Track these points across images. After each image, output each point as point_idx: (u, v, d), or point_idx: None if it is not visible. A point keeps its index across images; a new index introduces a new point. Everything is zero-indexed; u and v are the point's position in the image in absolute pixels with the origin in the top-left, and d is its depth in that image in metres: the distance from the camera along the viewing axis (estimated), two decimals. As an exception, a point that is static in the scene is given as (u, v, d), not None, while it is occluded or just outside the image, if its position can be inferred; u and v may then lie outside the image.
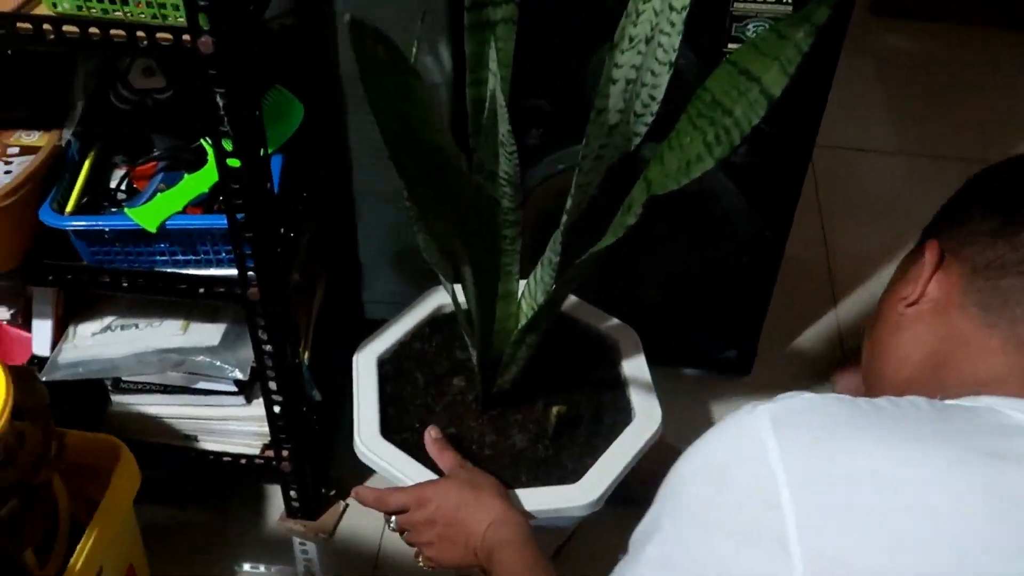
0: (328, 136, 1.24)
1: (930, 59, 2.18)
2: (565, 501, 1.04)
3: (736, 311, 1.43)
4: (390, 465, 1.06)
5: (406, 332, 1.22)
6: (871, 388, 0.81)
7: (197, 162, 1.04)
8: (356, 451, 1.09)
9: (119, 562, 1.09)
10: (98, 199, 1.05)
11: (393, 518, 1.03)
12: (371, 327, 1.26)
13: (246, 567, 1.27)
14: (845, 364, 1.46)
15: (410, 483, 1.03)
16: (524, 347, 1.06)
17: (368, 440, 1.08)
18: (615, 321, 1.21)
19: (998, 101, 2.09)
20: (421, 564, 1.03)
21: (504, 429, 1.12)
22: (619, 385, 1.16)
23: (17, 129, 1.05)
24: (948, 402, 0.64)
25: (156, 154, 1.05)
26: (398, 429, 1.10)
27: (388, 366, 1.18)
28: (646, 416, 1.09)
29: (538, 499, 1.04)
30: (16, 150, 1.02)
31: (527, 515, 0.99)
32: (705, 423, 1.31)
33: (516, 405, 1.13)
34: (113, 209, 1.03)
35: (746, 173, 1.27)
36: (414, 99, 0.76)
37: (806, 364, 1.53)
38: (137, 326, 1.15)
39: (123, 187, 1.06)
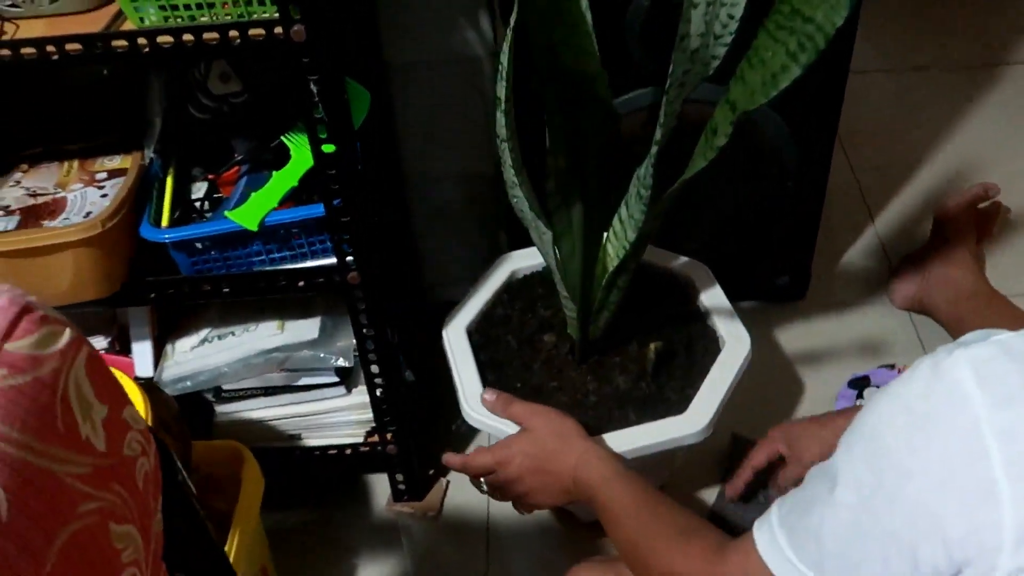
0: (382, 122, 1.27)
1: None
2: (677, 432, 1.08)
3: (786, 238, 1.48)
4: (500, 424, 1.09)
5: (486, 301, 1.26)
6: None
7: (277, 161, 1.07)
8: (466, 417, 1.13)
9: (252, 566, 1.12)
10: (187, 212, 1.08)
11: (482, 480, 1.07)
12: (433, 310, 1.30)
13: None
14: (898, 274, 1.51)
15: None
16: (616, 290, 1.09)
17: (476, 404, 1.11)
18: (683, 259, 1.25)
19: (970, 8, 2.15)
20: (521, 512, 1.07)
21: (604, 374, 1.15)
22: (703, 317, 1.21)
23: (99, 156, 1.07)
24: None
25: (239, 158, 1.07)
26: (501, 390, 1.13)
27: (477, 335, 1.21)
28: (736, 340, 1.13)
29: (650, 433, 1.08)
30: (104, 175, 1.05)
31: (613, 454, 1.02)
32: (771, 350, 1.34)
33: (611, 351, 1.17)
34: (208, 215, 1.06)
35: (787, 100, 1.31)
36: (568, 22, 0.80)
37: (857, 281, 1.57)
38: (234, 334, 1.17)
39: (206, 198, 1.09)
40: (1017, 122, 1.84)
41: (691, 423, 1.08)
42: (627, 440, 1.07)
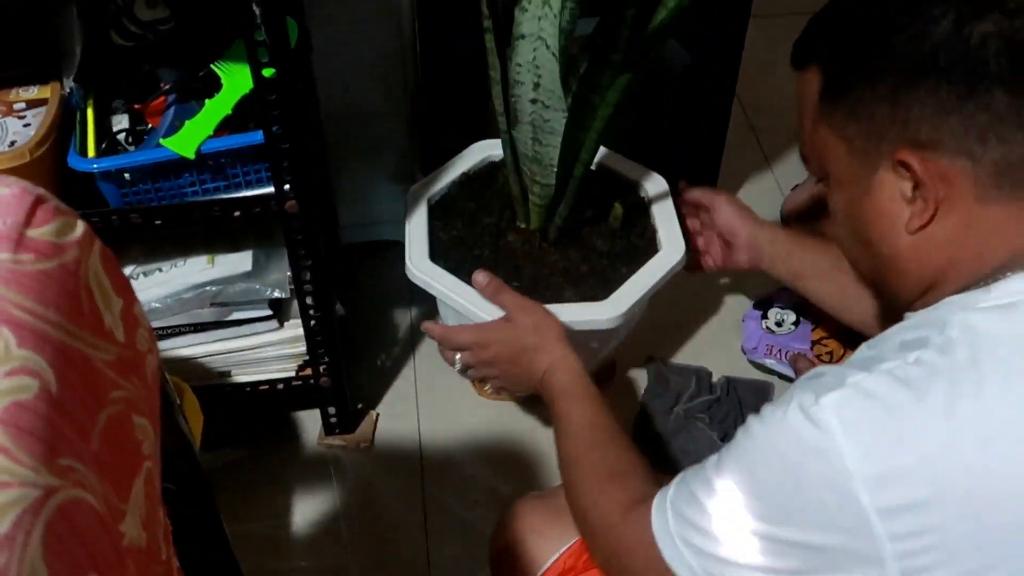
0: (300, 54, 1.26)
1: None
2: (594, 315, 1.14)
3: (692, 175, 1.54)
4: (442, 287, 1.15)
5: (451, 182, 1.29)
6: (889, 294, 0.78)
7: (206, 90, 1.05)
8: (408, 274, 1.17)
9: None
10: (112, 144, 1.05)
11: (458, 356, 1.10)
12: (350, 249, 1.30)
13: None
14: (788, 203, 1.61)
15: (459, 302, 1.11)
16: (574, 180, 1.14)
17: (420, 263, 1.17)
18: (642, 167, 1.31)
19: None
20: (488, 391, 1.10)
21: (573, 249, 1.22)
22: (649, 218, 1.26)
23: (15, 87, 1.03)
24: (993, 305, 0.63)
25: (166, 87, 1.05)
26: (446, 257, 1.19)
27: (439, 209, 1.26)
28: (671, 246, 1.20)
29: (571, 313, 1.13)
30: (23, 105, 1.01)
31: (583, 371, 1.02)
32: (683, 277, 1.40)
33: (568, 238, 1.23)
34: (132, 147, 1.04)
35: (692, 37, 1.38)
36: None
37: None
38: (161, 270, 1.15)
39: (129, 129, 1.06)
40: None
41: (608, 310, 1.14)
42: (555, 313, 1.11)
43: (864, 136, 0.71)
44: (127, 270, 1.16)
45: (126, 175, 1.02)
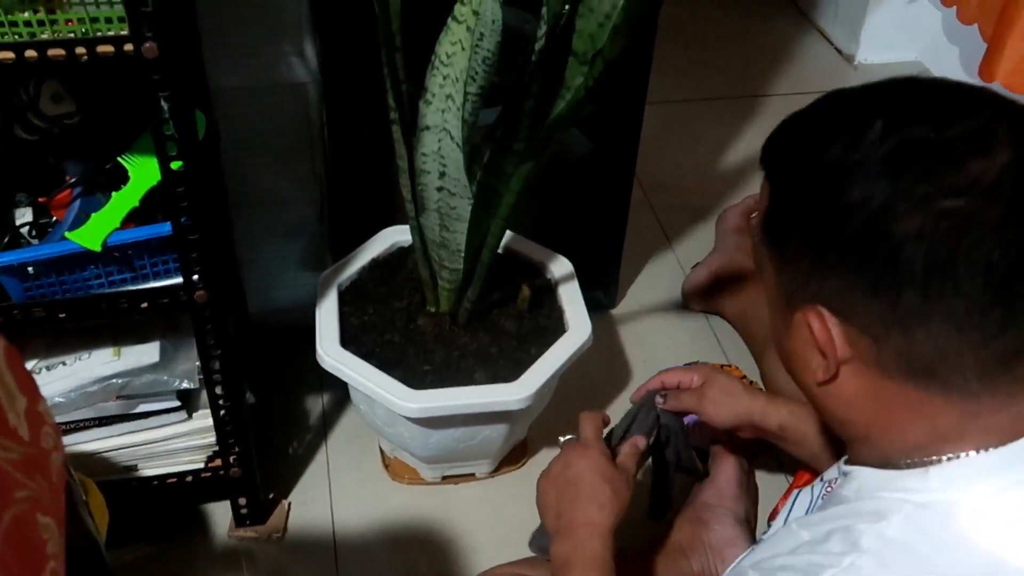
0: (209, 145, 1.27)
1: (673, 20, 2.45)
2: (504, 396, 1.16)
3: (597, 255, 1.59)
4: (352, 372, 1.17)
5: (361, 268, 1.32)
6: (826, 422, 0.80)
7: (112, 182, 1.05)
8: (319, 360, 1.18)
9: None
10: (14, 239, 1.04)
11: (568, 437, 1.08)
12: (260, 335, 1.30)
13: None
14: (690, 281, 1.67)
15: (370, 387, 1.13)
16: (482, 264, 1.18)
17: (331, 348, 1.18)
18: (547, 250, 1.35)
19: (734, 48, 2.41)
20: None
21: (480, 332, 1.24)
22: (555, 303, 1.29)
23: (-87, 180, 1.02)
24: (920, 500, 0.65)
25: (72, 180, 1.05)
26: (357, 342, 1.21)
27: (348, 295, 1.28)
28: (579, 327, 1.23)
29: (482, 395, 1.16)
30: (-79, 200, 1.00)
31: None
32: (590, 355, 1.43)
33: (477, 321, 1.26)
34: (35, 240, 1.03)
35: (592, 123, 1.44)
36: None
37: (658, 290, 1.72)
38: (64, 363, 1.13)
39: (33, 223, 1.06)
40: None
41: (518, 391, 1.16)
42: (462, 396, 1.16)
43: (790, 278, 0.71)
44: (29, 364, 1.14)
45: (29, 269, 1.01)
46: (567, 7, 1.00)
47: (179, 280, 1.04)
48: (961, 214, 0.61)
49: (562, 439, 1.09)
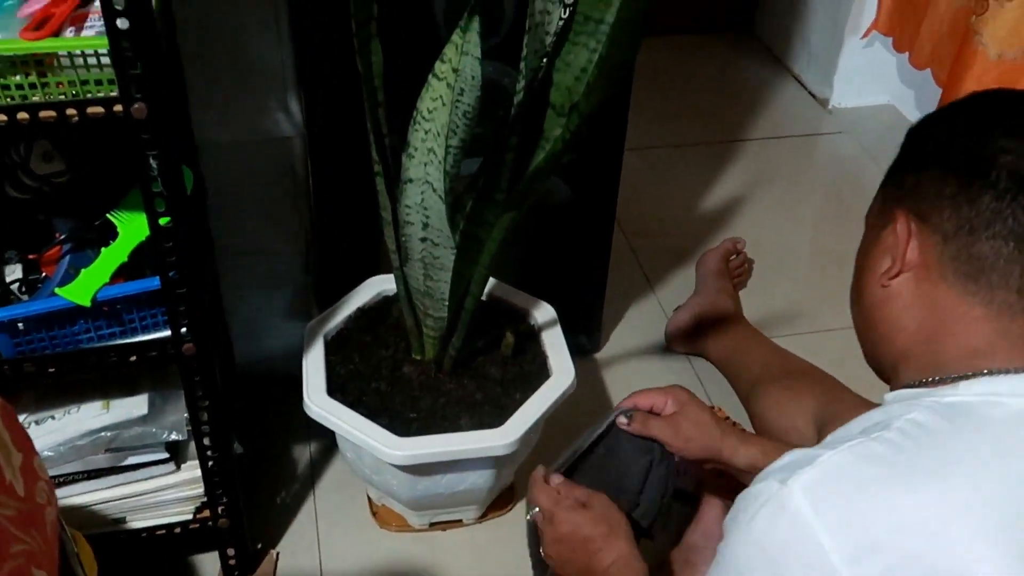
0: (196, 199, 1.30)
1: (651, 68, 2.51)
2: (489, 441, 1.18)
3: (580, 301, 1.62)
4: (339, 421, 1.18)
5: (348, 316, 1.33)
6: (869, 358, 0.85)
7: (101, 238, 1.07)
8: (306, 409, 1.20)
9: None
10: (4, 295, 1.05)
11: (533, 511, 1.06)
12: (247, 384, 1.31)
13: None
14: (672, 324, 1.69)
15: (358, 435, 1.14)
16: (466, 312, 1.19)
17: (317, 397, 1.19)
18: (530, 297, 1.37)
19: (711, 95, 2.46)
20: (543, 557, 1.06)
21: (466, 378, 1.26)
22: (539, 348, 1.31)
23: (-96, 240, 1.03)
24: (949, 400, 0.71)
25: (61, 237, 1.07)
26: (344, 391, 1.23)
27: (334, 343, 1.29)
28: (562, 372, 1.25)
29: (468, 441, 1.18)
30: (-87, 258, 1.01)
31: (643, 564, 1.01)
32: (576, 399, 1.45)
33: (462, 367, 1.28)
34: (25, 296, 1.05)
35: (572, 171, 1.47)
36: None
37: (641, 334, 1.74)
38: (53, 417, 1.14)
39: (23, 279, 1.07)
40: (752, 188, 2.11)
41: (503, 436, 1.18)
42: (448, 443, 1.17)
43: (893, 197, 0.80)
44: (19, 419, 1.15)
45: (19, 325, 1.02)
46: (544, 61, 1.04)
47: (167, 333, 1.06)
48: None
49: (528, 518, 1.08)
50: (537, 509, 1.05)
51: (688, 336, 1.66)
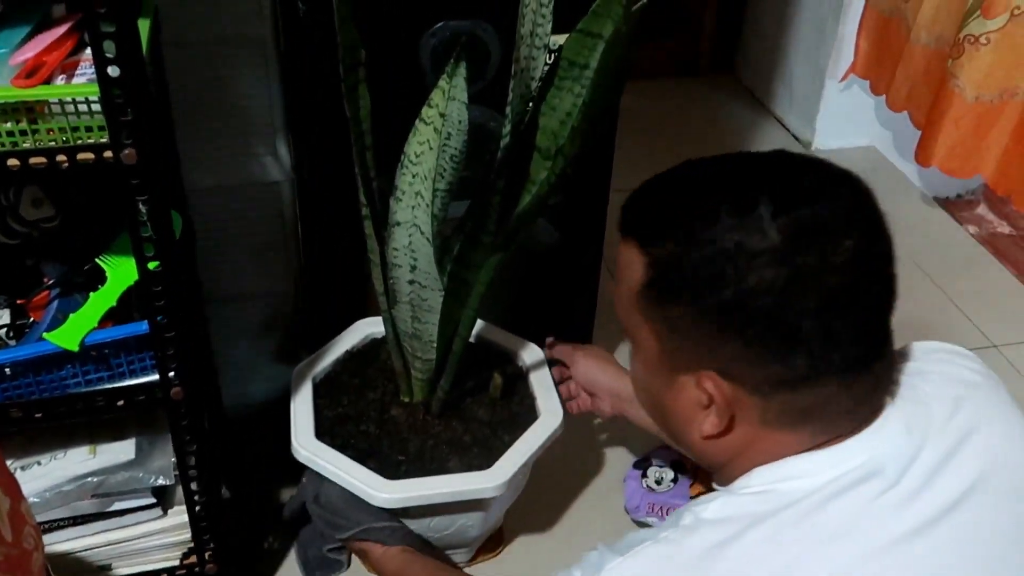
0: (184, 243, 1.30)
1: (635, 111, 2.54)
2: (478, 483, 1.18)
3: (569, 341, 1.62)
4: (326, 464, 1.18)
5: (336, 359, 1.33)
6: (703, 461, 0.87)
7: (90, 283, 1.07)
8: (294, 453, 1.20)
9: None
10: (-9, 339, 1.05)
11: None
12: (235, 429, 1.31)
13: None
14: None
15: (346, 479, 1.16)
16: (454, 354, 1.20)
17: (306, 440, 1.19)
18: (518, 338, 1.38)
19: (697, 136, 2.49)
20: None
21: (446, 424, 1.26)
22: (527, 390, 1.31)
23: None
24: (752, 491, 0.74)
25: (50, 282, 1.07)
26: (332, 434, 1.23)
27: (323, 386, 1.29)
28: (550, 414, 1.25)
29: (457, 483, 1.18)
30: (-100, 304, 1.01)
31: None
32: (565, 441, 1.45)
33: (451, 409, 1.28)
34: (12, 342, 1.05)
35: (559, 213, 1.48)
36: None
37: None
38: (39, 463, 1.14)
39: (9, 324, 1.07)
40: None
41: (492, 478, 1.18)
42: (437, 485, 1.17)
43: (677, 345, 0.75)
44: (3, 465, 1.14)
45: (6, 370, 1.02)
46: (530, 106, 1.05)
47: (155, 377, 1.06)
48: (844, 289, 0.69)
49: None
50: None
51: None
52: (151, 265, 0.98)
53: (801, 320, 0.69)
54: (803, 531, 0.70)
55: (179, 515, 1.20)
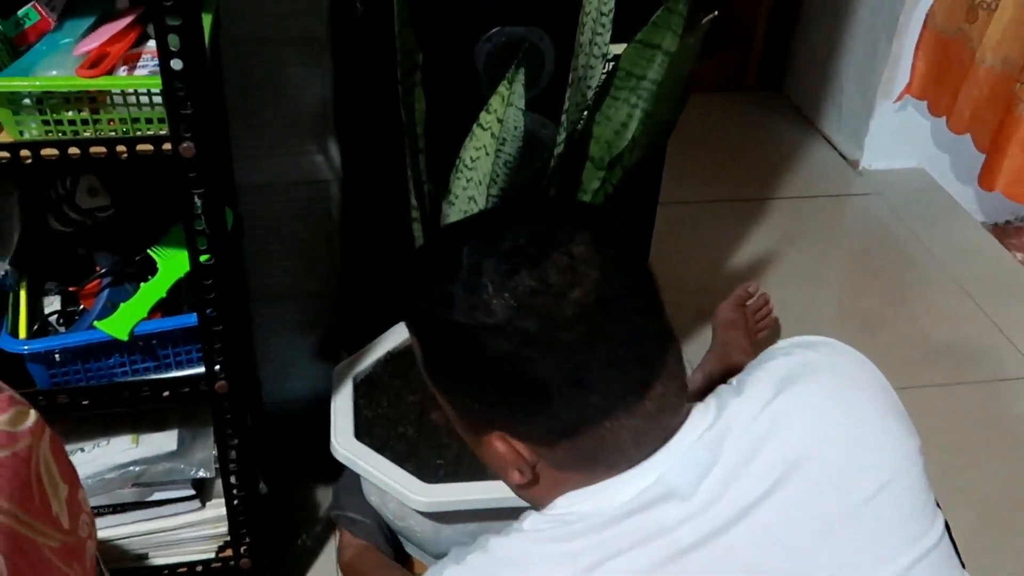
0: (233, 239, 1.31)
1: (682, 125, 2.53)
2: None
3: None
4: (367, 465, 1.18)
5: (377, 360, 1.33)
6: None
7: (141, 274, 1.08)
8: (333, 452, 1.20)
9: None
10: (43, 326, 1.06)
11: None
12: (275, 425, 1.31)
13: None
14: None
15: (384, 480, 1.16)
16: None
17: (345, 440, 1.19)
18: None
19: (742, 153, 2.48)
20: None
21: None
22: None
23: (-52, 268, 1.05)
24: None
25: (102, 271, 1.08)
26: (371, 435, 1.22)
27: (363, 386, 1.29)
28: None
29: (497, 489, 1.13)
30: (-45, 286, 1.03)
31: None
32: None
33: None
34: (63, 328, 1.06)
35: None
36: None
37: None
38: (83, 449, 1.15)
39: (61, 311, 1.08)
40: (780, 247, 2.11)
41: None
42: (475, 491, 1.17)
43: (463, 412, 0.79)
44: (47, 450, 1.15)
45: (56, 356, 1.03)
46: (585, 114, 1.05)
47: (201, 370, 1.07)
48: (581, 339, 0.69)
49: None
50: None
51: (701, 397, 1.64)
52: (203, 258, 0.98)
53: (547, 378, 0.70)
54: (597, 542, 0.72)
55: (217, 508, 1.21)
